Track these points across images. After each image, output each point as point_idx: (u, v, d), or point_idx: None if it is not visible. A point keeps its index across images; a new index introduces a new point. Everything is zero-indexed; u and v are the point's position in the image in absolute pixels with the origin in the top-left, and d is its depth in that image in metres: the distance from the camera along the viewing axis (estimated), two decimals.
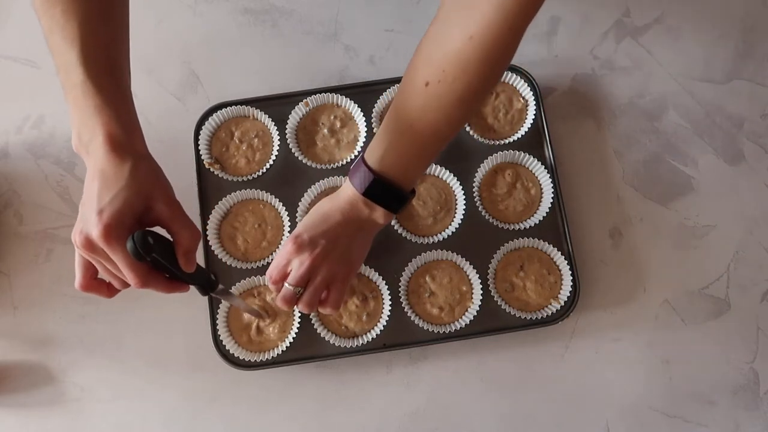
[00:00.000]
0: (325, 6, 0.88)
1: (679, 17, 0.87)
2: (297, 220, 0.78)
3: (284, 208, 0.79)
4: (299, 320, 0.76)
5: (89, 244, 0.52)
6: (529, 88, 0.81)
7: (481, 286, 0.76)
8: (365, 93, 0.82)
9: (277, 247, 0.79)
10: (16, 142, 0.84)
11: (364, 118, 0.81)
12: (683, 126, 0.84)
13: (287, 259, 0.67)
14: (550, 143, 0.80)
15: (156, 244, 0.53)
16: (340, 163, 0.81)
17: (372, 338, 0.76)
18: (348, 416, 0.77)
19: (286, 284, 0.67)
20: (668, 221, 0.81)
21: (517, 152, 0.80)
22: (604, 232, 0.81)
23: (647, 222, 0.81)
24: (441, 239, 0.78)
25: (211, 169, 0.80)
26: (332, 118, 0.82)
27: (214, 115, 0.81)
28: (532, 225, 0.79)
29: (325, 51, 0.86)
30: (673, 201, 0.82)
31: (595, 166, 0.83)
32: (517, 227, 0.78)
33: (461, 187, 0.79)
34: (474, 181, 0.79)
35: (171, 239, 0.57)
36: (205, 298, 0.76)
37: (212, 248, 0.77)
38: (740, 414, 0.77)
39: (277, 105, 0.82)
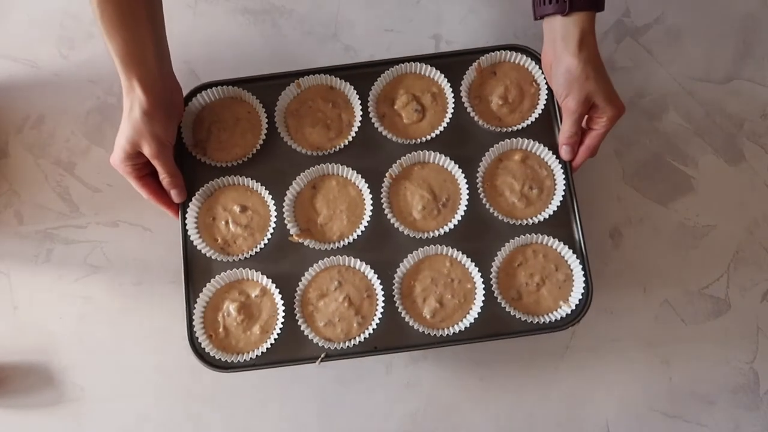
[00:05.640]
0: (325, 6, 0.88)
1: (679, 17, 0.87)
2: (284, 209, 0.72)
3: (270, 196, 0.74)
4: (282, 320, 0.71)
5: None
6: (541, 72, 0.75)
7: (483, 286, 0.71)
8: (363, 75, 0.76)
9: (263, 239, 0.73)
10: (16, 142, 0.84)
11: (360, 102, 0.75)
12: (683, 126, 0.84)
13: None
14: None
15: None
16: (332, 150, 0.75)
17: (362, 341, 0.70)
18: (348, 416, 0.77)
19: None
20: (668, 221, 0.81)
21: (526, 140, 0.74)
22: (604, 232, 0.81)
23: (647, 222, 0.81)
24: (441, 234, 0.72)
25: (193, 153, 0.75)
26: (326, 101, 0.76)
27: (198, 95, 0.75)
28: (542, 220, 0.73)
29: (325, 51, 0.86)
30: (673, 201, 0.82)
31: (595, 166, 0.82)
32: (525, 222, 0.73)
33: (464, 177, 0.73)
34: (478, 171, 0.73)
35: None
36: None
37: (191, 239, 0.72)
38: (740, 414, 0.77)
39: (267, 86, 0.76)
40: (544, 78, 0.75)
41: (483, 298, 0.71)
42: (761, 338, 0.79)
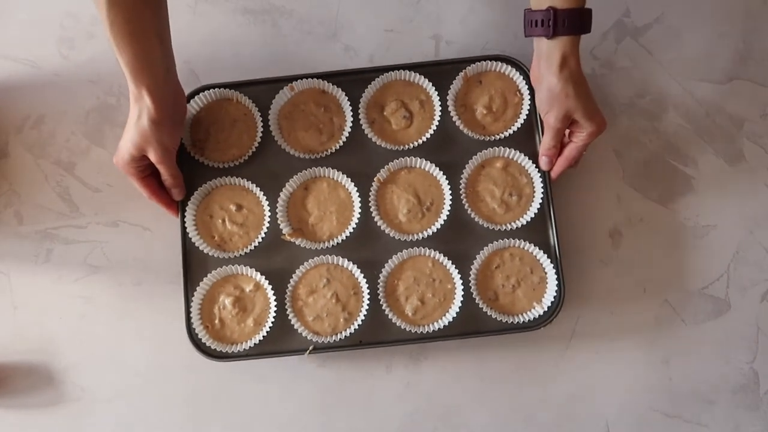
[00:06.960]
0: (325, 6, 0.87)
1: (679, 17, 0.87)
2: (277, 209, 0.76)
3: (265, 196, 0.77)
4: (274, 314, 0.75)
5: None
6: (525, 83, 0.79)
7: (463, 286, 0.75)
8: (354, 81, 0.79)
9: (257, 237, 0.77)
10: (16, 142, 0.84)
11: (350, 107, 0.79)
12: (683, 126, 0.84)
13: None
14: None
15: None
16: (324, 153, 0.78)
17: (348, 335, 0.74)
18: (348, 416, 0.77)
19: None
20: (668, 221, 0.81)
21: (508, 148, 0.78)
22: (604, 232, 0.81)
23: (647, 222, 0.81)
24: (425, 236, 0.76)
25: (192, 153, 0.78)
26: (318, 105, 0.79)
27: (196, 97, 0.78)
28: (520, 225, 0.77)
29: (325, 51, 0.86)
30: (673, 201, 0.82)
31: (595, 166, 0.82)
32: (504, 227, 0.77)
33: (448, 182, 0.77)
34: (461, 177, 0.77)
35: None
36: None
37: (189, 236, 0.76)
38: (740, 414, 0.77)
39: (262, 90, 0.79)
40: (528, 88, 0.78)
41: (462, 298, 0.75)
42: (761, 338, 0.79)
